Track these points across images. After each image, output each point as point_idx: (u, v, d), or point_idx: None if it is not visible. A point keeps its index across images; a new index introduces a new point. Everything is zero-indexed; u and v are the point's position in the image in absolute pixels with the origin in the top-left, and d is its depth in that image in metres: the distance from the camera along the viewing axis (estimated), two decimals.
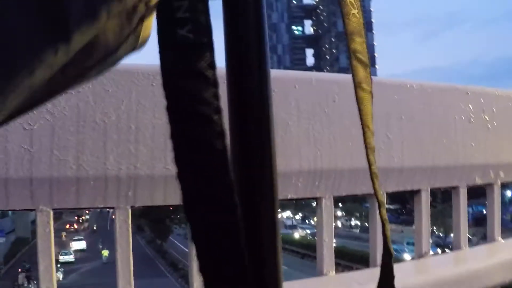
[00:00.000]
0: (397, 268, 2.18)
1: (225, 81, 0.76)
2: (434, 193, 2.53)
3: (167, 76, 0.65)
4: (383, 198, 0.93)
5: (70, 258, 48.14)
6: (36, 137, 1.62)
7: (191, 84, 0.64)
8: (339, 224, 71.69)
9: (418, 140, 2.25)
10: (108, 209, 1.82)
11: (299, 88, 1.91)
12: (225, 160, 0.65)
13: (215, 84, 0.65)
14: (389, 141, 2.13)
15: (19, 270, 37.56)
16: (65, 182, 1.67)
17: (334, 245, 2.08)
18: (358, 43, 0.92)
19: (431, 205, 2.44)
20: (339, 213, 72.18)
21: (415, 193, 2.35)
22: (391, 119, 2.15)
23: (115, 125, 1.67)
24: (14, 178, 1.63)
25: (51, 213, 1.70)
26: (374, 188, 0.96)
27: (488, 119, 2.54)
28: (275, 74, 1.86)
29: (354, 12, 0.91)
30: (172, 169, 0.64)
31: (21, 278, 36.01)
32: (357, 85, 0.92)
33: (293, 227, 70.97)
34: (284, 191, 1.92)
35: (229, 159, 0.65)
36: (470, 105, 2.47)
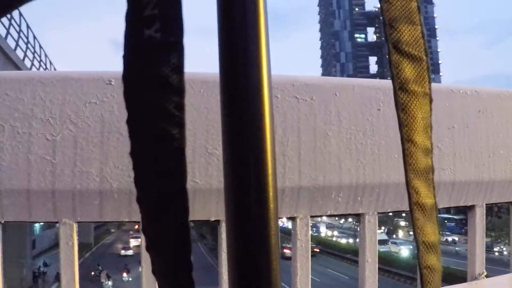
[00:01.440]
0: None
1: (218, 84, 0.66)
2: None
3: (126, 84, 0.59)
4: (428, 237, 0.73)
5: (129, 252, 53.93)
6: (59, 148, 1.58)
7: (151, 94, 0.58)
8: None
9: (472, 152, 2.09)
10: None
11: (340, 95, 1.78)
12: (180, 182, 0.60)
13: (179, 92, 0.58)
14: (440, 152, 1.98)
15: (92, 273, 41.68)
16: (88, 195, 1.61)
17: None
18: (405, 32, 0.72)
19: (497, 215, 2.28)
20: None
21: (469, 209, 2.19)
22: (441, 128, 2.00)
23: None
24: (36, 190, 1.59)
25: (75, 226, 1.66)
26: (416, 226, 0.74)
27: None
28: (313, 80, 1.75)
29: None
30: (200, 182, 0.59)
31: (103, 276, 40.47)
32: (398, 86, 0.74)
33: (384, 242, 57.62)
34: (324, 206, 1.80)
35: (185, 180, 0.60)
36: None
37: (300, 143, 1.72)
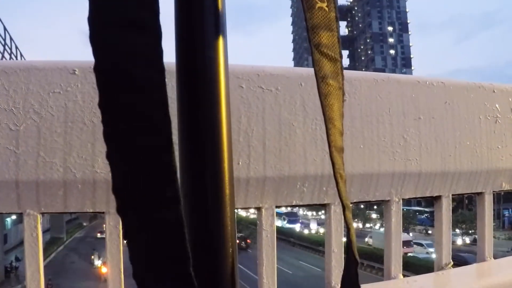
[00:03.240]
0: (414, 282, 2.05)
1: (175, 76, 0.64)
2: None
3: (93, 27, 0.51)
4: (348, 201, 0.90)
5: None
6: (22, 139, 1.55)
7: (125, 37, 0.51)
8: None
9: (438, 142, 2.10)
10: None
11: (305, 86, 1.78)
12: (166, 138, 0.53)
13: (156, 35, 0.52)
14: (406, 143, 1.99)
15: (91, 256, 46.12)
16: (52, 186, 1.60)
17: None
18: (324, 37, 0.85)
19: (467, 208, 2.29)
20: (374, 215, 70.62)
21: (435, 199, 2.20)
22: (407, 119, 2.01)
23: None
24: (0, 181, 1.56)
25: (39, 217, 1.64)
26: (338, 189, 0.90)
27: None
28: (278, 71, 1.75)
29: (322, 6, 0.85)
30: None
31: (95, 256, 45.13)
32: (320, 80, 0.86)
33: (408, 243, 45.30)
34: (289, 197, 1.80)
35: (171, 137, 0.53)
36: (496, 104, 2.31)
37: (265, 133, 1.72)
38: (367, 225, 72.90)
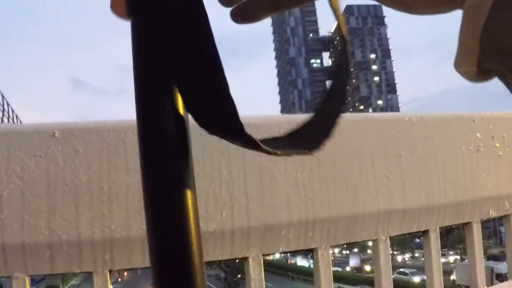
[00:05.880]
0: None
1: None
2: None
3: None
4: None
5: None
6: (6, 203, 1.55)
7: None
8: None
9: (421, 177, 2.11)
10: None
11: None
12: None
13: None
14: (389, 181, 2.00)
15: None
16: (38, 248, 1.59)
17: None
18: None
19: (463, 228, 2.29)
20: None
21: (423, 233, 2.21)
22: (389, 157, 2.01)
23: (86, 186, 1.59)
24: None
25: (27, 279, 1.63)
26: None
27: (498, 146, 2.38)
28: (257, 120, 1.77)
29: None
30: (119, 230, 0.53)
31: None
32: None
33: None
34: (275, 244, 1.80)
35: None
36: (478, 133, 2.32)
37: (246, 184, 1.72)
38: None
